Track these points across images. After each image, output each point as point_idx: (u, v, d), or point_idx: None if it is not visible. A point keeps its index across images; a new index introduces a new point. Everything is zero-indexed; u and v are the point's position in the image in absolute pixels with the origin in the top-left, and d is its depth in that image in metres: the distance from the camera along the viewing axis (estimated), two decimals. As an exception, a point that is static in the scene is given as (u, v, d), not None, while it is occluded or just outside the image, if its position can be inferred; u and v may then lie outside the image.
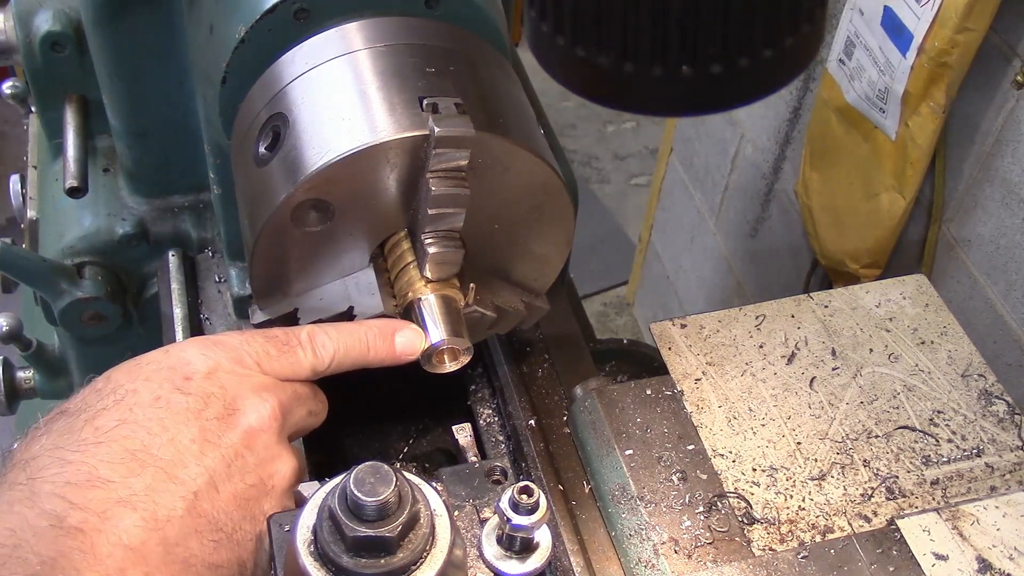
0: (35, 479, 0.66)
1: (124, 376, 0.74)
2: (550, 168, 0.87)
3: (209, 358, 0.76)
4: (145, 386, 0.73)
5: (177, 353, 0.76)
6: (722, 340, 1.03)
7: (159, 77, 1.06)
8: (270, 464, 0.77)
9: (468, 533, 0.85)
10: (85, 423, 0.70)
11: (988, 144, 1.50)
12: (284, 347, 0.80)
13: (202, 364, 0.75)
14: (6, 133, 3.63)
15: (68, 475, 0.66)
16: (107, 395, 0.72)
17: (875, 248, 1.69)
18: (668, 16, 0.52)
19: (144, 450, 0.69)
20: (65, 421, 0.71)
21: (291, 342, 0.81)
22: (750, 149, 2.27)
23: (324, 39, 0.87)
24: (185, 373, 0.74)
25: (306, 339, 0.81)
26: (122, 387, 0.73)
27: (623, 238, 3.56)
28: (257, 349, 0.79)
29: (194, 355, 0.76)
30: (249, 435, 0.75)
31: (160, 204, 1.19)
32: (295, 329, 0.83)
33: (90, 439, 0.69)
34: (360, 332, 0.84)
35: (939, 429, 0.96)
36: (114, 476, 0.67)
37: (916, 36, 1.42)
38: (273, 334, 0.81)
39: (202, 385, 0.74)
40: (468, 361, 0.88)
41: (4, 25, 1.15)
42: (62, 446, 0.68)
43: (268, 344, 0.80)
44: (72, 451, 0.68)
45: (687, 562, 0.86)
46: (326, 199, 0.82)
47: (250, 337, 0.80)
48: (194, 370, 0.75)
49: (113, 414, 0.71)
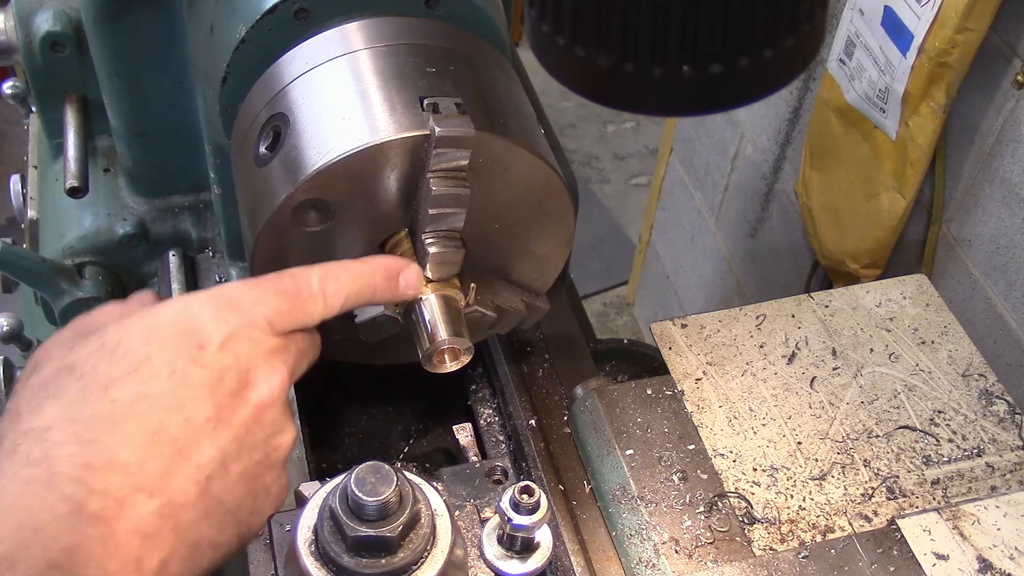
0: (52, 457, 0.65)
1: (137, 339, 0.72)
2: (550, 168, 0.87)
3: (223, 324, 0.74)
4: (160, 355, 0.71)
5: (190, 315, 0.74)
6: (722, 340, 1.03)
7: (159, 77, 1.06)
8: (275, 437, 0.76)
9: (469, 533, 0.85)
10: (99, 392, 0.68)
11: (988, 144, 1.50)
12: (295, 300, 0.78)
13: (216, 332, 0.73)
14: (6, 133, 3.63)
15: (87, 456, 0.65)
16: (119, 359, 0.70)
17: (875, 248, 1.69)
18: (668, 16, 0.52)
19: (161, 430, 0.68)
20: (77, 385, 0.69)
21: (302, 293, 0.79)
22: (750, 149, 2.27)
23: (324, 39, 0.87)
24: (200, 340, 0.73)
25: (318, 289, 0.79)
26: (135, 352, 0.71)
27: (623, 238, 3.56)
28: (270, 309, 0.77)
29: (208, 319, 0.74)
30: (259, 409, 0.74)
31: (160, 204, 1.19)
32: (305, 275, 0.80)
33: (107, 415, 0.67)
34: (368, 274, 0.83)
35: (939, 429, 0.96)
36: (132, 459, 0.66)
37: (916, 36, 1.42)
38: (284, 287, 0.79)
39: (217, 357, 0.73)
40: (468, 361, 0.88)
41: (4, 25, 1.15)
42: (77, 419, 0.67)
43: (280, 300, 0.78)
44: (89, 429, 0.67)
45: (688, 562, 0.86)
46: (326, 199, 0.82)
47: (262, 294, 0.77)
48: (208, 338, 0.73)
49: (129, 386, 0.69)
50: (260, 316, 0.76)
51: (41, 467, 0.64)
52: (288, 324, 0.78)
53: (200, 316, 0.74)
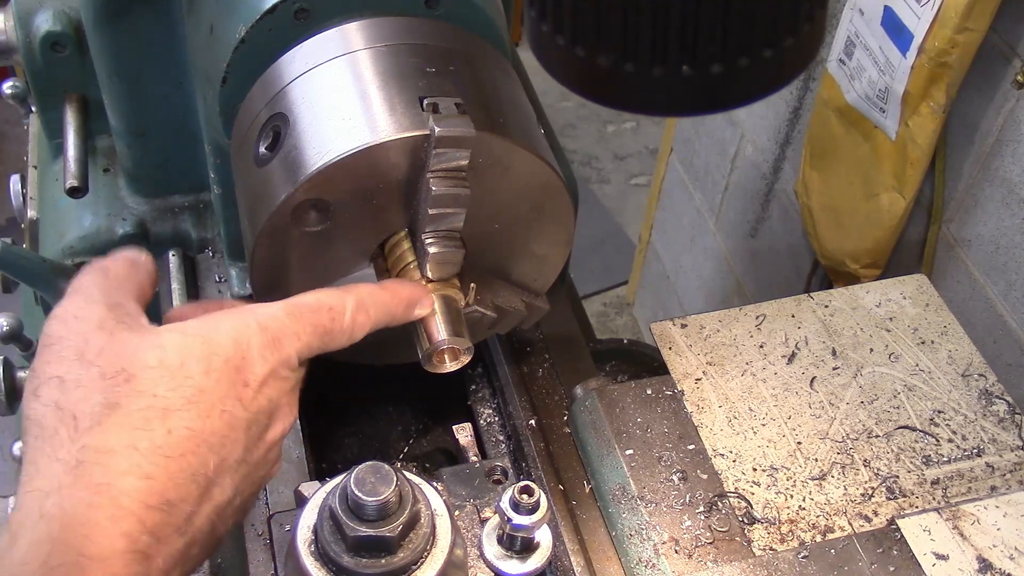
0: (115, 488, 0.65)
1: (196, 365, 0.71)
2: (550, 168, 0.87)
3: (266, 362, 0.74)
4: (215, 389, 0.71)
5: (244, 348, 0.74)
6: (722, 340, 1.03)
7: (159, 77, 1.06)
8: (271, 468, 0.78)
9: (469, 533, 0.85)
10: (159, 419, 0.68)
11: (988, 144, 1.50)
12: (327, 336, 0.79)
13: (260, 369, 0.74)
14: (6, 133, 3.63)
15: (144, 493, 0.66)
16: (179, 385, 0.70)
17: (875, 248, 1.69)
18: (668, 16, 0.52)
19: (203, 472, 0.69)
20: (139, 404, 0.68)
21: (334, 329, 0.80)
22: (750, 149, 2.27)
23: (324, 39, 0.87)
24: (246, 378, 0.73)
25: (349, 324, 0.80)
26: (194, 381, 0.70)
27: (623, 238, 3.56)
28: (303, 345, 0.77)
29: (256, 355, 0.74)
30: (270, 446, 0.76)
31: (160, 204, 1.19)
32: (340, 309, 0.80)
33: (163, 449, 0.68)
34: (393, 305, 0.84)
35: (939, 429, 0.96)
36: (176, 499, 0.68)
37: (916, 36, 1.42)
38: (321, 323, 0.79)
39: (256, 398, 0.73)
40: (468, 361, 0.88)
41: (4, 25, 1.15)
42: (138, 446, 0.67)
43: (314, 337, 0.78)
44: (149, 462, 0.67)
45: (687, 562, 0.86)
46: (326, 199, 0.82)
47: (300, 329, 0.77)
48: (253, 376, 0.73)
49: (185, 418, 0.69)
50: (294, 353, 0.77)
51: (104, 495, 0.65)
52: (313, 354, 0.79)
53: (251, 350, 0.74)
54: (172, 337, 0.73)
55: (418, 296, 0.85)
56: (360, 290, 0.82)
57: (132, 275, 0.79)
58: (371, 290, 0.83)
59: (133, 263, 0.80)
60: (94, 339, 0.72)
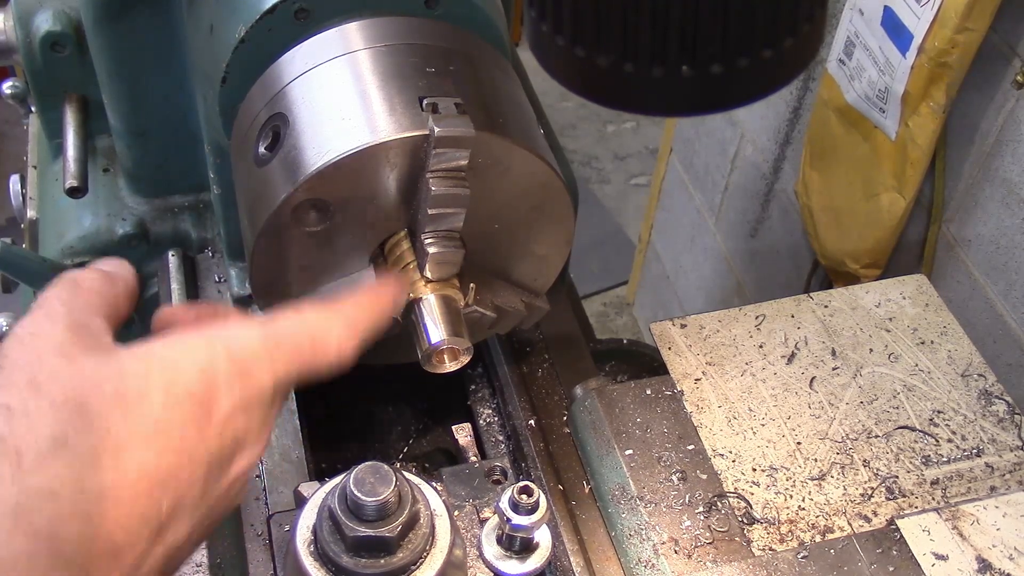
0: (59, 536, 0.60)
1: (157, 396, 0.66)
2: (550, 168, 0.87)
3: (234, 393, 0.69)
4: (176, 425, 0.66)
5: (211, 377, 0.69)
6: (722, 340, 1.03)
7: (159, 77, 1.06)
8: (234, 501, 0.73)
9: (468, 533, 0.85)
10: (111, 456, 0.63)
11: (988, 144, 1.50)
12: (310, 362, 0.75)
13: (226, 401, 0.69)
14: (6, 133, 3.63)
15: (89, 541, 0.61)
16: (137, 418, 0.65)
17: (875, 248, 1.69)
18: (668, 16, 0.52)
19: (155, 515, 0.65)
20: (88, 440, 0.63)
21: (317, 354, 0.75)
22: (750, 149, 2.27)
23: (324, 39, 0.87)
24: (209, 412, 0.68)
25: (335, 350, 0.76)
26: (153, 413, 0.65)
27: (623, 238, 3.56)
28: (280, 372, 0.72)
29: (223, 386, 0.69)
30: (233, 483, 0.71)
31: (160, 204, 1.19)
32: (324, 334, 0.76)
33: (113, 490, 0.62)
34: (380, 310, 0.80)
35: (939, 429, 0.96)
36: (124, 543, 0.63)
37: (916, 36, 1.42)
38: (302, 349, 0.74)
39: (220, 432, 0.68)
40: (468, 361, 0.88)
41: (4, 25, 1.15)
42: (86, 488, 0.62)
43: (293, 364, 0.73)
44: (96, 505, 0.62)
45: (687, 562, 0.86)
46: (326, 199, 0.82)
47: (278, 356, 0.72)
48: (218, 408, 0.68)
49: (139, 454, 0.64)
50: (267, 384, 0.72)
51: (43, 543, 0.60)
52: (294, 383, 0.74)
53: (217, 382, 0.69)
54: (133, 364, 0.68)
55: (393, 289, 0.83)
56: (346, 308, 0.78)
57: (105, 290, 0.74)
58: (359, 305, 0.79)
59: (108, 277, 0.75)
60: (49, 363, 0.66)
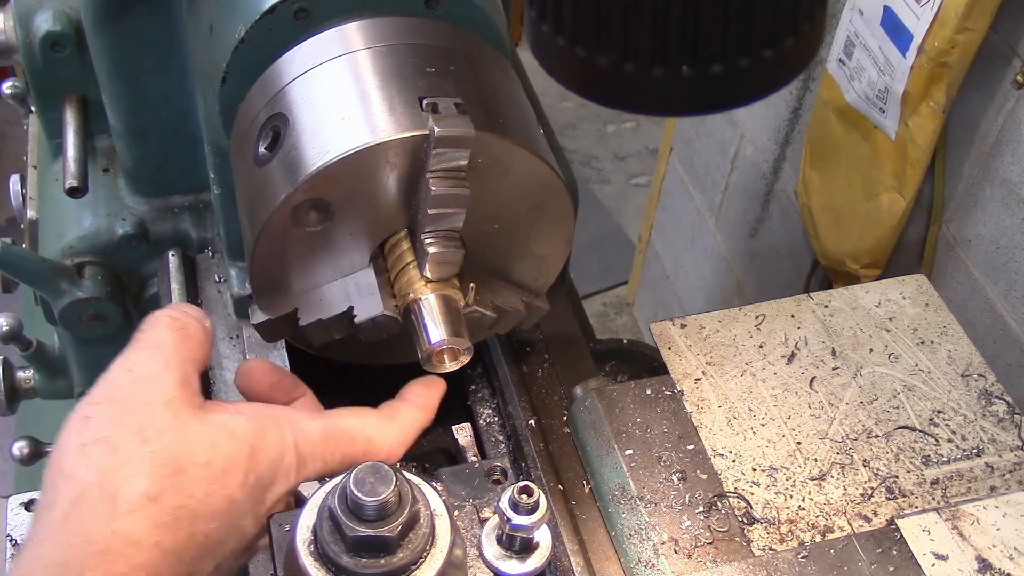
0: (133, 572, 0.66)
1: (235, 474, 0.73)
2: (550, 168, 0.87)
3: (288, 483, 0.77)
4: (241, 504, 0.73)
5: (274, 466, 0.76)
6: (722, 340, 1.03)
7: (159, 77, 1.06)
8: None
9: (468, 533, 0.85)
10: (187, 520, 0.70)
11: (988, 144, 1.50)
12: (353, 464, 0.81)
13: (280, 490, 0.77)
14: (6, 133, 3.63)
15: None
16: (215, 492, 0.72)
17: (875, 248, 1.69)
18: (668, 16, 0.52)
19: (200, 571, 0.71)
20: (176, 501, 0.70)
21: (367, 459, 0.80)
22: (750, 149, 2.27)
23: (324, 39, 0.87)
24: (265, 497, 0.75)
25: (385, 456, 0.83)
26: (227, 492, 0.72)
27: (623, 238, 3.56)
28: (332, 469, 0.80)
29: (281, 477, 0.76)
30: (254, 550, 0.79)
31: (160, 204, 1.19)
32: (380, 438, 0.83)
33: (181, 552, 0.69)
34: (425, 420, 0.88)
35: (939, 429, 0.96)
36: None
37: (916, 36, 1.42)
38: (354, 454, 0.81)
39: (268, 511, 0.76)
40: (468, 361, 0.88)
41: (4, 25, 1.15)
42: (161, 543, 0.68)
43: (341, 467, 0.80)
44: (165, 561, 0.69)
45: (687, 562, 0.86)
46: (326, 199, 0.82)
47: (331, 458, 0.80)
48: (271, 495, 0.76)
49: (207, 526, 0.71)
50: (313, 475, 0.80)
51: None
52: None
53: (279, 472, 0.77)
54: (226, 437, 0.74)
55: (439, 394, 0.89)
56: (404, 417, 0.85)
57: (205, 343, 0.80)
58: (413, 416, 0.86)
59: (207, 332, 0.81)
60: (158, 416, 0.72)
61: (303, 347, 0.95)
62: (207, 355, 0.80)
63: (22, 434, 1.25)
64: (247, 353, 1.09)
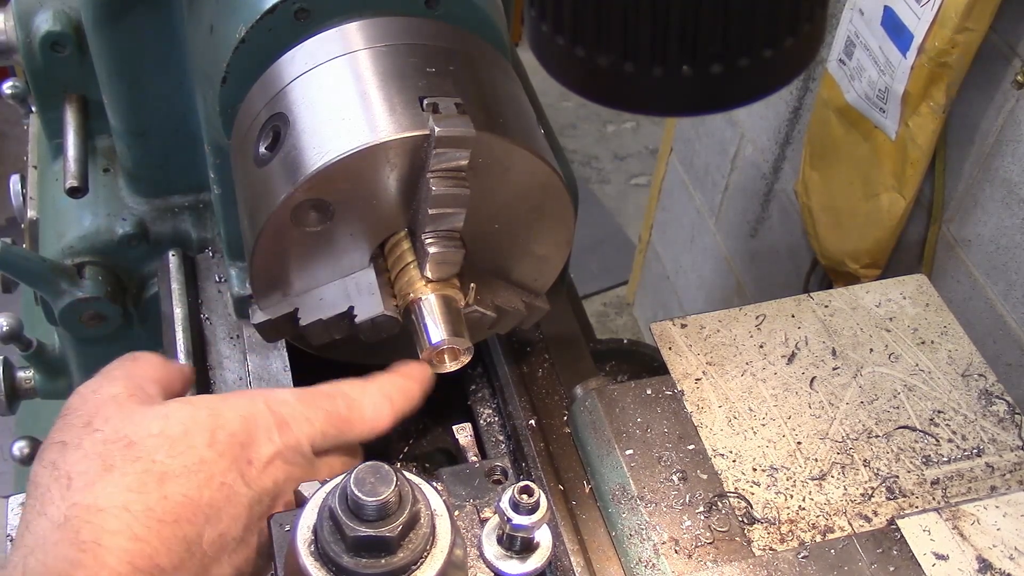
0: (103, 547, 0.64)
1: (200, 436, 0.72)
2: (550, 168, 0.87)
3: (273, 443, 0.75)
4: (218, 462, 0.71)
5: (251, 425, 0.74)
6: (722, 340, 1.03)
7: (159, 77, 1.06)
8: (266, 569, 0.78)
9: (468, 533, 0.85)
10: (156, 484, 0.68)
11: (988, 144, 1.50)
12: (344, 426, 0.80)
13: (266, 449, 0.74)
14: (6, 133, 3.63)
15: (133, 555, 0.65)
16: (180, 453, 0.70)
17: (875, 248, 1.69)
18: (668, 16, 0.52)
19: (198, 541, 0.69)
20: (134, 467, 0.68)
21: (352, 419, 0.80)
22: (750, 149, 2.27)
23: (324, 39, 0.87)
24: (251, 455, 0.74)
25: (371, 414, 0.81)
26: (196, 451, 0.71)
27: (623, 238, 3.56)
28: (315, 431, 0.78)
29: (263, 435, 0.75)
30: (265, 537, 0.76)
31: (160, 204, 1.19)
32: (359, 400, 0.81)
33: (157, 513, 0.67)
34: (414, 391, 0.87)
35: (939, 429, 0.96)
36: (168, 566, 0.67)
37: (916, 36, 1.42)
38: (336, 411, 0.79)
39: (261, 478, 0.74)
40: (468, 361, 0.88)
41: (4, 25, 1.15)
42: (131, 508, 0.66)
43: (328, 425, 0.79)
44: (141, 524, 0.66)
45: (687, 562, 0.86)
46: (326, 199, 0.82)
47: (313, 414, 0.78)
48: (258, 454, 0.74)
49: (183, 486, 0.69)
50: (305, 438, 0.77)
51: (89, 553, 0.64)
52: (329, 445, 0.80)
53: (258, 429, 0.75)
54: (178, 407, 0.74)
55: (429, 374, 0.87)
56: (382, 379, 0.84)
57: (161, 368, 0.80)
58: (392, 379, 0.85)
59: (166, 362, 0.82)
60: (104, 410, 0.73)
61: (303, 347, 0.95)
62: (170, 379, 0.80)
63: (22, 434, 1.25)
64: (247, 353, 1.09)
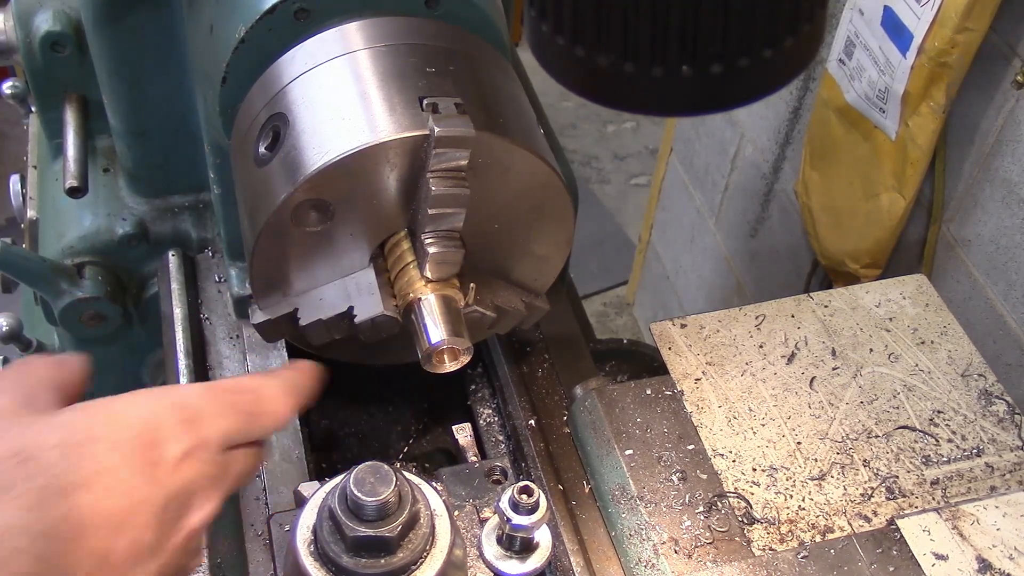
0: (3, 571, 0.63)
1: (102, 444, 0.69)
2: (550, 168, 0.87)
3: (180, 441, 0.72)
4: (122, 467, 0.69)
5: (155, 425, 0.72)
6: (722, 340, 1.03)
7: (159, 77, 1.06)
8: (192, 561, 0.75)
9: (468, 533, 0.85)
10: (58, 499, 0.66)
11: (988, 144, 1.50)
12: (253, 419, 0.77)
13: (174, 448, 0.71)
14: (6, 133, 3.62)
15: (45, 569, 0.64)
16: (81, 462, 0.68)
17: (875, 248, 1.69)
18: (668, 16, 0.52)
19: (109, 553, 0.67)
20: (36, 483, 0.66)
21: (262, 411, 0.78)
22: (750, 149, 2.27)
23: (324, 39, 0.87)
24: (157, 456, 0.71)
25: (280, 407, 0.79)
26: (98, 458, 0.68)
27: (623, 238, 3.56)
28: (226, 426, 0.75)
29: (169, 433, 0.72)
30: (189, 537, 0.72)
31: (160, 204, 1.19)
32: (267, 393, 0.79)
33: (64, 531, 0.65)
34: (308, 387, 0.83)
35: (939, 429, 0.96)
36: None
37: (916, 36, 1.42)
38: (244, 405, 0.77)
39: (169, 477, 0.71)
40: (468, 361, 0.88)
41: (4, 25, 1.15)
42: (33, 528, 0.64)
43: (238, 419, 0.76)
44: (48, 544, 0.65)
45: (687, 562, 0.86)
46: (326, 199, 0.82)
47: (222, 409, 0.75)
48: (165, 454, 0.71)
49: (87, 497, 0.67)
50: (215, 434, 0.74)
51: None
52: (239, 440, 0.77)
53: (163, 429, 0.72)
54: (74, 416, 0.71)
55: (319, 369, 0.85)
56: (283, 373, 0.82)
57: (55, 370, 0.77)
58: (290, 373, 0.83)
59: (58, 362, 0.78)
60: (4, 425, 0.69)
61: (303, 347, 0.95)
62: (64, 381, 0.77)
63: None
64: (247, 353, 1.09)
